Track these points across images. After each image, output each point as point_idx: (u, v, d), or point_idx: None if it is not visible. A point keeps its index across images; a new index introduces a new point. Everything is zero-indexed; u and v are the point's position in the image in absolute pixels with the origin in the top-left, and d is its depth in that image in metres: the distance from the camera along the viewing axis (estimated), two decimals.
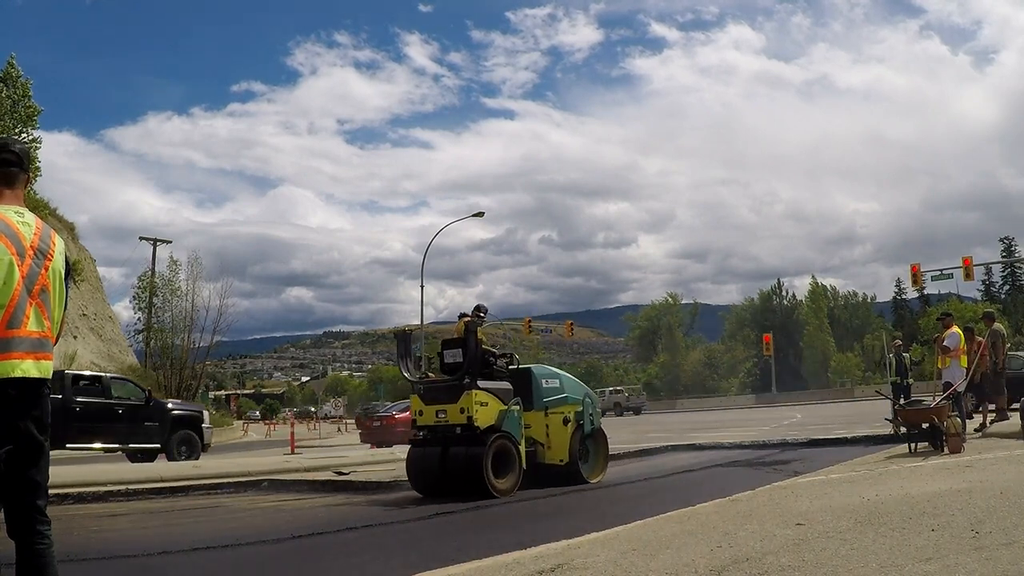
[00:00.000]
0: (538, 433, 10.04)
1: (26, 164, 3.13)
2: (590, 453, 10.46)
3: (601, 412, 10.95)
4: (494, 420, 9.19)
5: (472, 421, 8.98)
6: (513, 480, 9.18)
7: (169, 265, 40.58)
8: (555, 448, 9.99)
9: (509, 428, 9.32)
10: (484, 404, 9.14)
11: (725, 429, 22.89)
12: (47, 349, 2.92)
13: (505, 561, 4.64)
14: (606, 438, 10.73)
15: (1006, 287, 71.53)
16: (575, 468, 9.95)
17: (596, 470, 10.46)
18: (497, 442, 9.06)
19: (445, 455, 9.14)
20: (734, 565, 4.01)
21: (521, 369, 10.32)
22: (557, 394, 10.28)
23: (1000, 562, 3.62)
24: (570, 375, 11.15)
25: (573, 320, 64.05)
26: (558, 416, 10.06)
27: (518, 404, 9.59)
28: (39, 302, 2.90)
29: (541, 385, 10.20)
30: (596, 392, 38.54)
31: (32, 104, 29.08)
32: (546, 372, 10.65)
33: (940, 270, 37.37)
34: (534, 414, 10.02)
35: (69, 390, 16.30)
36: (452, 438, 9.18)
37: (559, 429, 9.99)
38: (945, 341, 12.39)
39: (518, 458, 9.31)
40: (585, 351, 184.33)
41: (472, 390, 9.08)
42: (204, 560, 6.19)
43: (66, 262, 3.11)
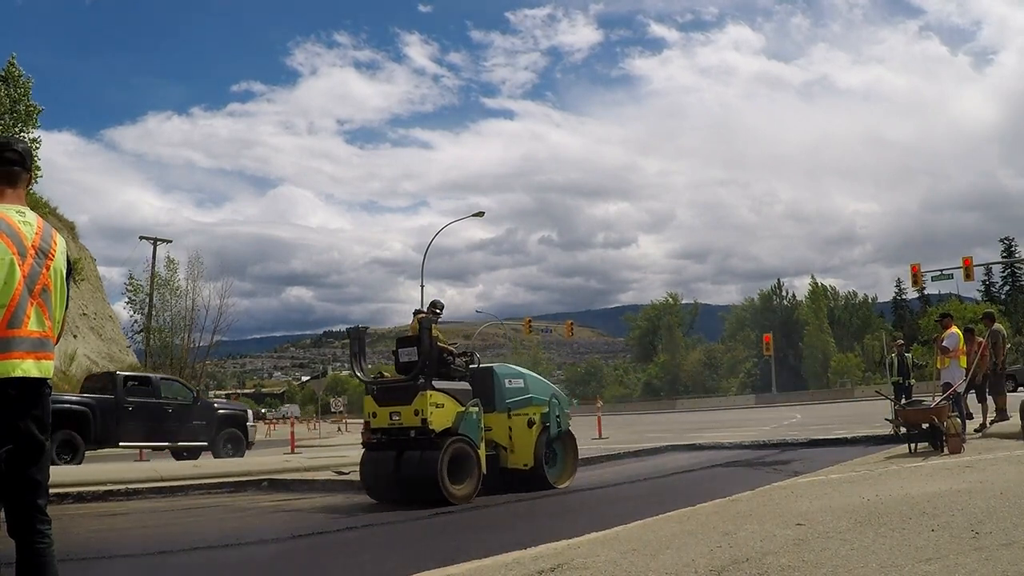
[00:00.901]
0: (500, 436, 9.58)
1: (28, 163, 3.13)
2: (558, 457, 10.03)
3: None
4: (451, 422, 8.73)
5: (427, 424, 8.53)
6: (472, 486, 8.74)
7: (167, 264, 40.63)
8: (519, 451, 9.55)
9: (467, 431, 8.85)
10: (440, 406, 8.68)
11: (725, 429, 22.89)
12: (48, 349, 2.92)
13: (505, 561, 4.64)
14: (575, 441, 10.28)
15: (1006, 287, 71.55)
16: (540, 472, 9.53)
17: (564, 475, 10.01)
18: (453, 446, 8.60)
19: (399, 460, 8.72)
20: (734, 565, 4.01)
21: (482, 368, 9.82)
22: (521, 395, 9.81)
23: (1000, 562, 3.62)
24: (536, 374, 10.71)
25: (573, 320, 64.02)
26: (522, 418, 9.61)
27: (477, 405, 9.10)
28: (40, 302, 2.90)
29: (504, 385, 9.72)
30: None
31: (32, 104, 29.08)
32: (509, 371, 10.11)
33: (940, 270, 37.45)
34: (496, 416, 9.56)
35: (121, 391, 16.63)
36: (406, 442, 8.77)
37: (523, 431, 9.55)
38: (944, 341, 12.39)
39: (477, 463, 8.85)
40: (585, 351, 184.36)
41: (427, 391, 8.64)
42: (204, 560, 6.19)
43: (67, 261, 3.11)
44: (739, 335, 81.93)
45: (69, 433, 15.04)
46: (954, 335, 12.44)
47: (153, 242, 40.79)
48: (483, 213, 40.07)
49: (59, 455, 14.62)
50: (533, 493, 9.52)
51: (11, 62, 28.93)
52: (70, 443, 15.07)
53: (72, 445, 15.09)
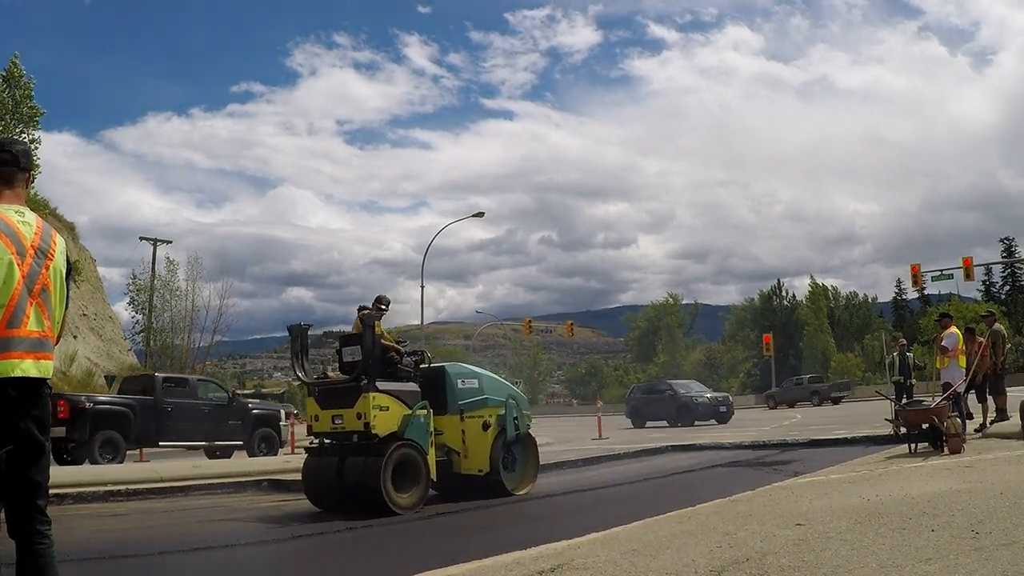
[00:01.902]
0: (453, 440, 9.08)
1: (24, 163, 3.10)
2: (517, 461, 9.49)
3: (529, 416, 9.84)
4: (396, 426, 8.27)
5: (369, 428, 8.08)
6: (418, 494, 8.26)
7: (166, 265, 40.68)
8: (473, 456, 9.05)
9: (414, 435, 8.36)
10: (384, 408, 8.24)
11: (725, 429, 22.89)
12: (47, 349, 2.91)
13: (505, 561, 4.65)
14: (536, 445, 9.77)
15: (1006, 287, 71.47)
16: (496, 478, 9.02)
17: (524, 481, 9.47)
18: (399, 452, 8.14)
19: (342, 466, 8.28)
20: (734, 565, 4.01)
21: (433, 368, 9.31)
22: (475, 396, 9.24)
23: (1000, 562, 3.62)
24: (493, 374, 10.16)
25: (573, 320, 64.00)
26: (476, 420, 9.09)
27: (425, 408, 8.60)
28: (40, 302, 2.89)
29: (456, 386, 9.18)
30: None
31: (34, 105, 29.08)
32: (463, 371, 9.55)
33: (940, 270, 37.46)
34: (448, 418, 9.07)
35: (160, 392, 16.94)
36: (349, 447, 8.37)
37: (478, 435, 9.04)
38: (943, 341, 12.39)
39: (425, 469, 8.36)
40: (585, 351, 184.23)
41: (370, 392, 8.17)
42: (204, 560, 6.20)
43: (67, 262, 3.10)
44: (739, 335, 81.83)
45: (111, 433, 15.49)
46: (953, 335, 12.44)
47: (153, 243, 40.85)
48: (483, 213, 40.11)
49: (101, 455, 15.07)
50: (532, 494, 9.51)
51: (14, 62, 28.93)
52: (112, 443, 15.48)
53: (114, 445, 15.51)
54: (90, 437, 15.15)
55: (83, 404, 15.52)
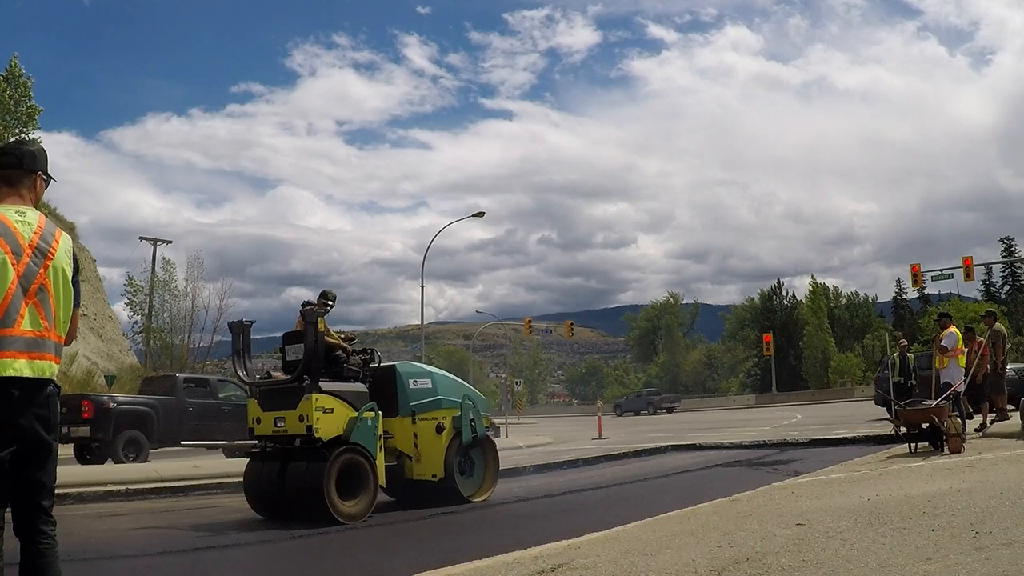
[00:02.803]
0: (404, 443, 8.62)
1: (29, 164, 3.08)
2: (475, 466, 9.04)
3: (488, 418, 9.36)
4: (341, 430, 7.81)
5: (312, 431, 7.61)
6: (366, 502, 7.80)
7: (164, 266, 40.72)
8: (426, 461, 8.58)
9: (360, 439, 7.89)
10: (328, 410, 7.77)
11: (725, 429, 22.91)
12: (45, 349, 2.89)
13: (505, 561, 4.65)
14: (495, 449, 9.30)
15: (1006, 287, 71.52)
16: (451, 485, 8.58)
17: (482, 487, 9.00)
18: (344, 456, 7.68)
19: (284, 471, 7.84)
20: (734, 565, 4.01)
21: (384, 368, 8.86)
22: (428, 396, 8.78)
23: (1000, 562, 3.62)
24: (448, 374, 9.77)
25: (573, 320, 63.99)
26: (429, 423, 8.64)
27: (373, 409, 8.12)
28: (36, 301, 2.88)
29: (408, 386, 8.72)
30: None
31: (33, 104, 29.10)
32: (415, 371, 9.11)
33: (940, 270, 37.43)
34: (400, 421, 8.61)
35: (181, 392, 17.18)
36: (292, 451, 7.89)
37: (431, 438, 8.59)
38: (943, 341, 12.40)
39: (372, 475, 7.89)
40: (585, 351, 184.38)
41: (312, 394, 7.72)
42: (204, 560, 6.19)
43: (74, 260, 3.07)
44: (739, 335, 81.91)
45: (135, 433, 15.75)
46: (952, 335, 12.45)
47: (153, 243, 40.90)
48: (483, 213, 39.97)
49: (125, 454, 15.33)
50: (533, 494, 9.52)
51: (13, 62, 28.96)
52: (135, 442, 15.74)
53: (137, 444, 15.76)
54: (113, 437, 15.38)
55: (107, 404, 15.75)
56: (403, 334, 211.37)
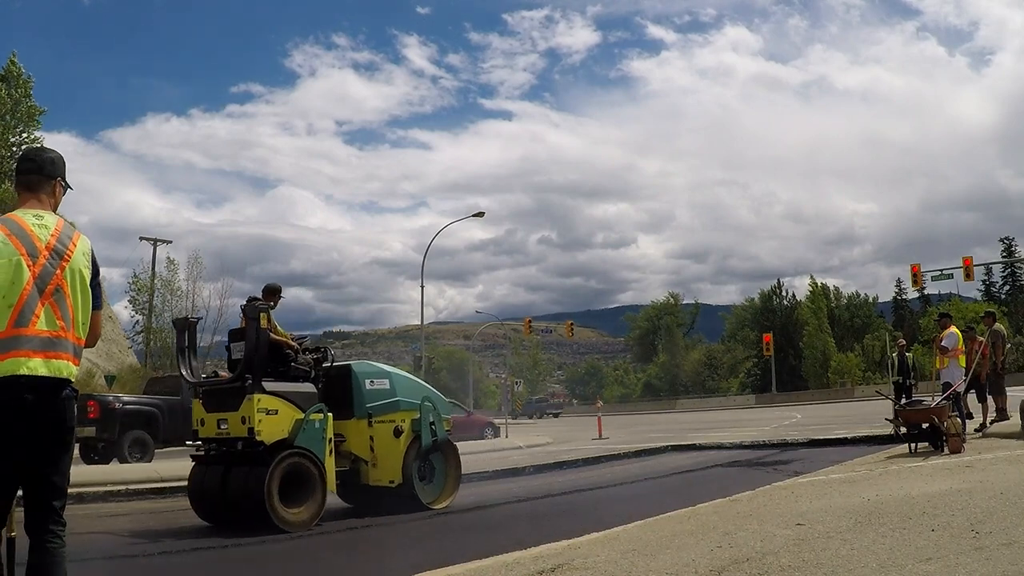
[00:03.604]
0: (360, 447, 8.20)
1: (49, 170, 3.13)
2: (435, 471, 8.64)
3: (449, 420, 8.96)
4: (286, 433, 7.41)
5: (254, 434, 7.23)
6: (313, 509, 7.38)
7: (167, 265, 40.73)
8: (383, 466, 8.17)
9: (307, 442, 7.47)
10: (272, 412, 7.38)
11: (725, 429, 22.91)
12: (62, 348, 2.90)
13: (505, 561, 4.65)
14: (458, 453, 8.88)
15: (1006, 287, 71.58)
16: (410, 491, 8.17)
17: (443, 493, 8.60)
18: (288, 461, 7.28)
19: (227, 476, 7.45)
20: (734, 565, 4.01)
21: (337, 367, 8.45)
22: (386, 398, 8.36)
23: (1000, 562, 3.62)
24: (407, 374, 9.34)
25: (573, 320, 63.98)
26: (387, 426, 8.23)
27: (322, 411, 7.70)
28: (52, 302, 2.90)
29: (364, 387, 8.29)
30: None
31: (34, 104, 29.07)
32: (372, 371, 8.64)
33: (940, 270, 37.45)
34: (355, 423, 8.19)
35: (187, 392, 17.53)
36: (235, 455, 7.51)
37: (389, 442, 8.19)
38: (943, 341, 12.40)
39: (320, 481, 7.47)
40: (585, 351, 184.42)
41: (255, 394, 7.32)
42: (204, 560, 6.20)
43: (93, 262, 3.09)
44: (739, 335, 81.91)
45: (140, 433, 15.86)
46: (953, 335, 12.45)
47: (153, 243, 40.91)
48: (483, 213, 39.97)
49: (131, 454, 15.45)
50: (533, 494, 9.51)
51: (12, 60, 28.92)
52: (142, 442, 15.85)
53: (143, 444, 15.88)
54: (119, 437, 15.42)
55: (113, 404, 15.79)
56: (403, 334, 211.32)
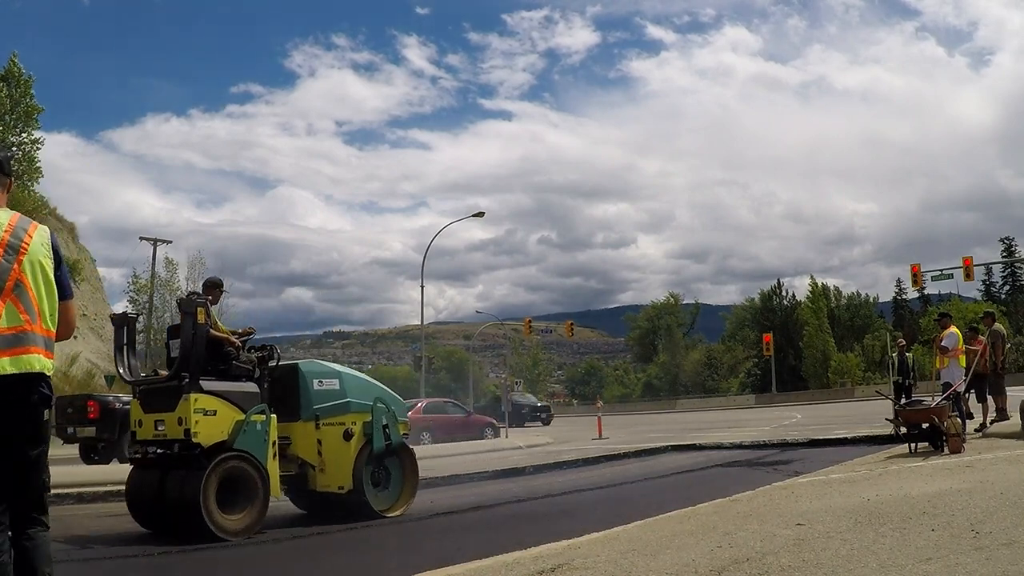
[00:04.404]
0: (307, 451, 7.80)
1: (7, 168, 3.14)
2: (390, 477, 8.18)
3: (406, 423, 8.55)
4: (225, 435, 7.01)
5: (190, 436, 6.85)
6: (253, 516, 6.96)
7: (166, 265, 40.73)
8: (332, 471, 7.77)
9: (247, 445, 7.05)
10: (210, 413, 6.99)
11: (725, 429, 22.91)
12: (30, 343, 2.88)
13: (505, 561, 4.65)
14: (414, 458, 8.43)
15: (1006, 287, 71.58)
16: (360, 498, 7.75)
17: (399, 500, 8.17)
18: (226, 464, 6.88)
19: (164, 480, 7.07)
20: (734, 565, 4.01)
21: (284, 366, 8.03)
22: (335, 399, 7.94)
23: (1000, 562, 3.62)
24: (360, 374, 8.96)
25: (573, 320, 63.93)
26: (336, 428, 7.81)
27: (264, 412, 7.28)
28: (13, 298, 2.88)
29: (311, 387, 7.88)
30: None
31: (33, 103, 29.04)
32: (321, 370, 8.23)
33: (940, 270, 37.38)
34: (302, 425, 7.79)
35: None
36: (173, 458, 7.12)
37: (338, 446, 7.77)
38: (943, 341, 12.39)
39: (261, 486, 7.04)
40: (585, 351, 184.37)
41: (191, 394, 6.93)
42: (204, 559, 6.20)
43: (54, 251, 3.06)
44: (739, 335, 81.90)
45: None
46: (953, 335, 12.45)
47: (153, 243, 40.87)
48: (483, 213, 39.92)
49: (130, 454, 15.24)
50: (533, 494, 9.49)
51: (12, 61, 28.89)
52: None
53: None
54: (119, 437, 15.32)
55: (113, 404, 15.66)
56: (403, 334, 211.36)
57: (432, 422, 22.98)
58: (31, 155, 28.90)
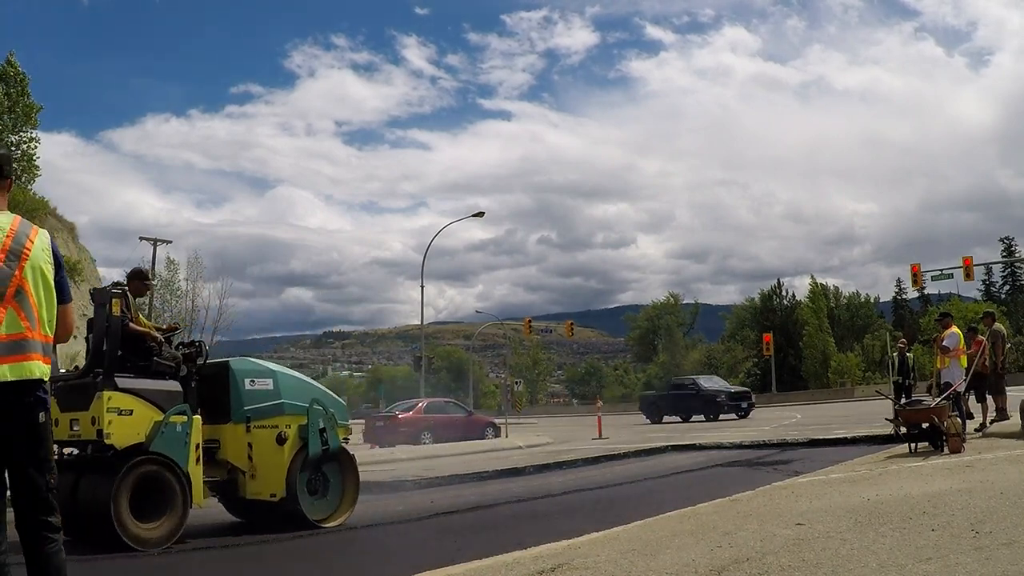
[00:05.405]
0: (237, 455, 7.31)
1: (7, 170, 3.09)
2: (329, 485, 7.68)
3: (345, 427, 8.02)
4: (142, 436, 6.54)
5: (103, 436, 6.38)
6: (171, 524, 6.48)
7: (167, 265, 40.72)
8: (263, 477, 7.27)
9: (165, 448, 6.57)
10: (126, 412, 6.52)
11: (725, 429, 22.90)
12: (30, 350, 2.88)
13: (505, 561, 4.65)
14: (355, 464, 7.96)
15: (1006, 287, 71.57)
16: (294, 507, 7.24)
17: (338, 509, 7.66)
18: (140, 468, 6.42)
19: (78, 483, 6.60)
20: (734, 565, 4.01)
21: (213, 364, 7.59)
22: (268, 400, 7.44)
23: (1000, 562, 3.62)
24: (296, 374, 8.53)
25: (573, 320, 63.94)
26: (268, 431, 7.31)
27: (185, 412, 6.81)
28: (14, 304, 2.87)
29: (242, 387, 7.37)
30: None
31: (31, 102, 28.96)
32: (253, 369, 7.70)
33: (940, 270, 37.36)
34: (231, 428, 7.33)
35: None
36: (87, 460, 6.71)
37: (270, 450, 7.27)
38: (944, 341, 12.39)
39: (181, 492, 6.58)
40: (585, 351, 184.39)
41: (104, 391, 6.45)
42: (204, 559, 6.20)
43: (55, 256, 3.05)
44: (739, 335, 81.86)
45: None
46: (954, 335, 12.44)
47: (153, 243, 40.84)
48: (483, 213, 39.87)
49: None
50: (533, 494, 9.48)
51: (9, 60, 28.80)
52: None
53: None
54: None
55: None
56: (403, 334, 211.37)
57: (433, 422, 23.00)
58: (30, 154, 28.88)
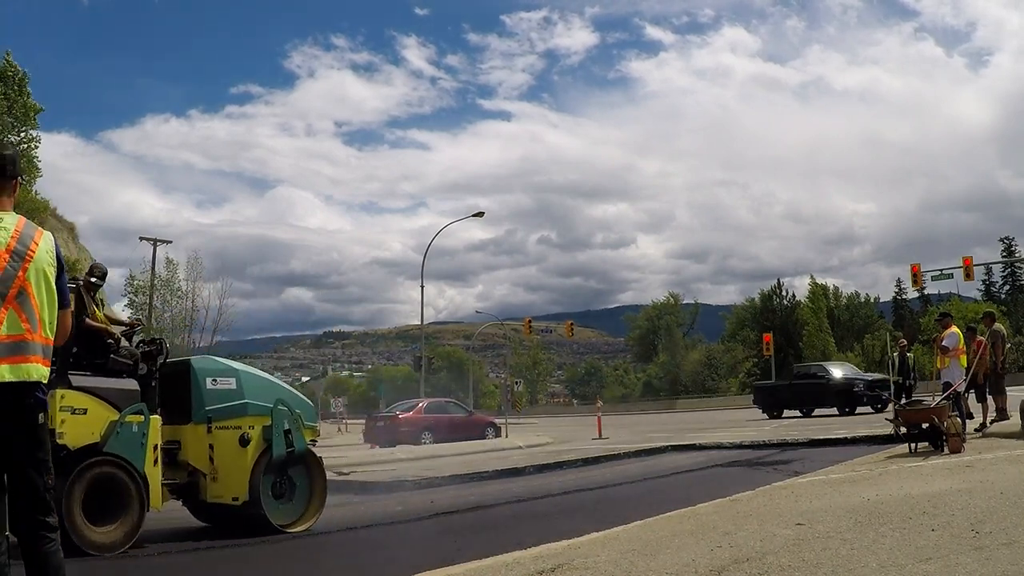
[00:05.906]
0: (198, 457, 7.10)
1: (11, 170, 3.08)
2: (296, 489, 7.44)
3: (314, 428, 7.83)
4: (97, 436, 6.31)
5: (55, 436, 6.03)
6: (126, 528, 6.27)
7: (166, 265, 40.73)
8: (225, 479, 7.06)
9: (121, 449, 6.36)
10: (80, 411, 6.31)
11: (725, 429, 22.90)
12: (29, 351, 2.87)
13: (505, 561, 4.65)
14: (322, 467, 7.73)
15: (1006, 287, 71.59)
16: (257, 511, 7.00)
17: (305, 514, 7.41)
18: (94, 470, 6.21)
19: None
20: (734, 565, 4.01)
21: (174, 363, 7.44)
22: (231, 400, 7.23)
23: (1000, 562, 3.62)
24: (260, 372, 8.33)
25: (573, 320, 63.98)
26: (231, 432, 7.10)
27: (142, 412, 6.60)
28: (16, 305, 2.87)
29: (204, 386, 7.16)
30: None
31: (31, 101, 28.95)
32: (215, 367, 7.49)
33: (940, 270, 37.35)
34: (192, 428, 7.12)
35: None
36: None
37: (233, 452, 7.05)
38: (944, 341, 12.39)
39: (137, 495, 6.37)
40: (585, 351, 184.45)
41: (57, 390, 6.12)
42: (204, 559, 6.20)
43: (58, 259, 3.05)
44: (739, 335, 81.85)
45: None
46: (954, 335, 12.45)
47: (153, 243, 40.86)
48: (483, 213, 39.92)
49: None
50: (533, 494, 9.48)
51: (7, 59, 28.78)
52: None
53: None
54: None
55: None
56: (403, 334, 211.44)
57: (433, 422, 23.02)
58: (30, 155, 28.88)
